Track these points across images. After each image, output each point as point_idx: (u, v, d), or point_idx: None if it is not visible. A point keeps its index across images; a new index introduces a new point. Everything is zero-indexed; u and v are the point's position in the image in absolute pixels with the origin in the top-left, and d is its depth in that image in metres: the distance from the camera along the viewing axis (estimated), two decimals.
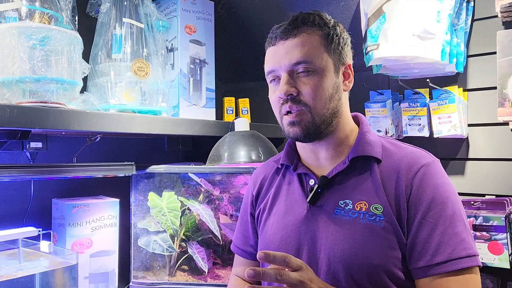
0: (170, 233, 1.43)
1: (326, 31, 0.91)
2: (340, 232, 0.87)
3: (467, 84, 1.39)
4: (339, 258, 0.86)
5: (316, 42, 0.89)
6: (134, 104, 1.31)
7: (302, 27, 0.90)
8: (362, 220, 0.86)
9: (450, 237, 0.82)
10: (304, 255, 0.91)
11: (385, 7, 1.30)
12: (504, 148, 1.32)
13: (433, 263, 0.81)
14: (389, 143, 0.96)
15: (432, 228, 0.83)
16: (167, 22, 1.48)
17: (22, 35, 0.99)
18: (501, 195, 1.31)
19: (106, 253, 1.35)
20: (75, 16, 1.30)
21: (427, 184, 0.86)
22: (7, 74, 1.00)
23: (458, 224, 0.83)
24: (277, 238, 0.96)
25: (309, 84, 0.88)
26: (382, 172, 0.90)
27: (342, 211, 0.89)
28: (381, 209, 0.86)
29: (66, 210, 1.29)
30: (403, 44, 1.25)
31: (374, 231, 0.85)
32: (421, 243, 0.83)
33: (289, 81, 0.89)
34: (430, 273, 0.81)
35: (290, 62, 0.89)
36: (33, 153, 1.34)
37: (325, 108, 0.89)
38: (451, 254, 0.80)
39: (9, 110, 0.96)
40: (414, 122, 1.42)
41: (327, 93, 0.89)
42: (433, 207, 0.84)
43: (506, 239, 1.17)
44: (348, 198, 0.90)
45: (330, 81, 0.90)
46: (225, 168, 1.42)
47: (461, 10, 1.34)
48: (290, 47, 0.89)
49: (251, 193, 1.10)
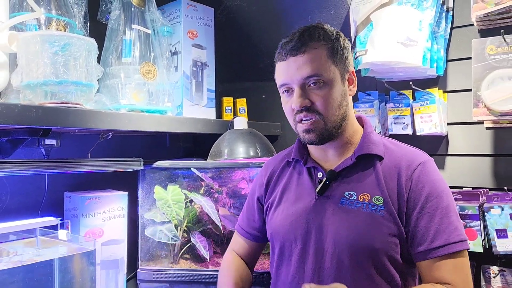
0: (175, 223, 1.54)
1: (331, 44, 1.01)
2: (345, 220, 1.00)
3: (447, 86, 1.52)
4: (344, 242, 0.98)
5: (323, 55, 1.00)
6: (142, 104, 1.42)
7: (310, 43, 1.00)
8: (365, 209, 0.99)
9: (446, 226, 0.96)
10: (312, 239, 1.03)
11: (372, 16, 1.43)
12: (480, 145, 1.45)
13: (432, 247, 0.95)
14: (389, 143, 1.09)
15: (430, 218, 0.96)
16: (171, 28, 1.59)
17: (45, 43, 1.10)
18: (477, 187, 1.44)
19: (116, 242, 1.46)
20: (87, 22, 1.40)
21: (425, 180, 0.99)
22: (32, 78, 1.11)
23: (452, 214, 0.98)
24: (287, 222, 1.07)
25: (320, 95, 1.00)
26: (384, 168, 1.02)
27: (347, 201, 1.01)
28: (382, 200, 0.99)
29: (79, 202, 1.39)
30: (388, 50, 1.38)
31: (376, 219, 0.97)
32: (421, 231, 0.96)
33: (302, 94, 1.00)
34: (429, 256, 0.95)
35: (302, 77, 0.99)
36: (47, 150, 1.44)
37: (335, 115, 1.01)
38: (447, 239, 0.95)
39: (35, 110, 1.07)
40: (398, 121, 1.55)
41: (337, 102, 1.01)
42: (431, 199, 0.97)
43: (479, 226, 1.31)
44: (353, 190, 1.02)
45: (338, 90, 1.02)
46: (225, 163, 1.54)
47: (441, 19, 1.47)
48: (300, 63, 0.99)
49: (261, 181, 1.21)
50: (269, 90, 1.93)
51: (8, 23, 1.09)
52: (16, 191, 1.42)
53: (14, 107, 1.02)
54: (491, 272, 1.36)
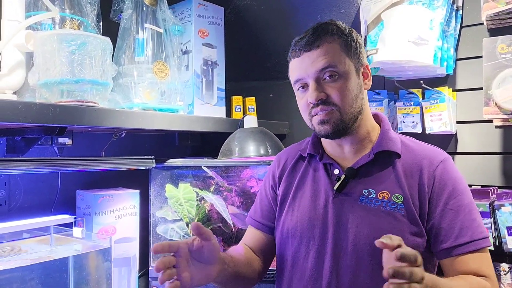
0: (186, 221, 1.55)
1: (344, 38, 1.02)
2: (365, 218, 0.99)
3: (456, 85, 1.53)
4: (364, 241, 0.97)
5: (337, 49, 1.01)
6: (154, 103, 1.42)
7: (323, 38, 1.01)
8: (385, 207, 0.99)
9: (470, 223, 0.96)
10: (330, 236, 1.02)
11: (383, 15, 1.44)
12: (489, 143, 1.46)
13: (457, 244, 0.95)
14: (408, 140, 1.08)
15: (454, 215, 0.97)
16: (182, 27, 1.59)
17: (62, 42, 1.11)
18: (486, 185, 1.45)
19: (128, 239, 1.47)
20: (99, 22, 1.41)
21: (447, 177, 0.99)
22: (49, 76, 1.12)
23: (474, 211, 0.98)
24: (305, 219, 1.06)
25: (335, 87, 1.00)
26: (404, 165, 1.02)
27: (366, 199, 1.01)
28: (402, 198, 0.98)
29: (92, 200, 1.40)
30: (399, 49, 1.39)
31: (396, 218, 0.97)
32: (446, 228, 0.97)
33: (317, 87, 1.00)
34: (454, 253, 0.96)
35: (316, 69, 1.00)
36: (60, 148, 1.45)
37: (352, 107, 1.01)
38: (472, 236, 0.95)
39: (52, 108, 1.08)
40: (408, 119, 1.56)
41: (353, 93, 1.01)
42: (454, 197, 0.98)
43: (490, 224, 1.32)
44: (372, 188, 1.02)
45: (354, 82, 1.02)
46: (236, 162, 1.55)
47: (451, 18, 1.47)
48: (314, 57, 1.00)
49: (273, 173, 1.20)
50: (277, 89, 1.94)
51: (25, 22, 1.10)
52: (29, 189, 1.43)
53: (33, 106, 1.03)
54: (501, 270, 1.37)
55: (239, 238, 1.59)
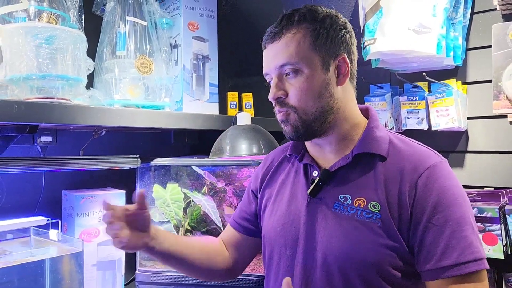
0: (174, 223, 1.48)
1: (312, 27, 0.90)
2: (337, 227, 0.88)
3: (467, 77, 1.39)
4: (334, 253, 0.86)
5: (300, 41, 0.89)
6: (138, 100, 1.36)
7: (287, 27, 0.91)
8: (359, 217, 0.86)
9: (457, 241, 0.81)
10: (301, 246, 0.92)
11: (382, 2, 1.32)
12: (503, 141, 1.33)
13: (440, 266, 0.81)
14: (398, 140, 0.94)
15: (438, 231, 0.82)
16: (170, 20, 1.52)
17: (28, 35, 1.05)
18: (500, 187, 1.32)
19: None
20: (81, 15, 1.35)
21: (433, 187, 0.84)
22: (15, 72, 1.06)
23: (465, 227, 0.82)
24: (279, 224, 0.97)
25: (294, 85, 0.89)
26: (387, 169, 0.89)
27: (341, 206, 0.89)
28: (379, 207, 0.85)
29: (74, 201, 1.35)
30: (399, 38, 1.27)
31: (371, 228, 0.85)
32: (427, 246, 0.82)
33: (277, 84, 0.91)
34: (437, 277, 0.81)
35: (275, 66, 0.91)
36: (44, 147, 1.41)
37: (313, 107, 0.89)
38: (458, 258, 0.80)
39: (16, 105, 1.02)
40: (412, 115, 1.44)
41: (314, 92, 0.89)
42: (439, 211, 0.83)
43: (500, 230, 1.19)
44: (348, 193, 0.90)
45: (317, 79, 0.89)
46: (226, 161, 1.46)
47: (459, 4, 1.34)
48: (275, 50, 0.91)
49: (256, 173, 1.13)
50: None
51: None
52: (12, 189, 1.39)
53: None
54: None
55: None
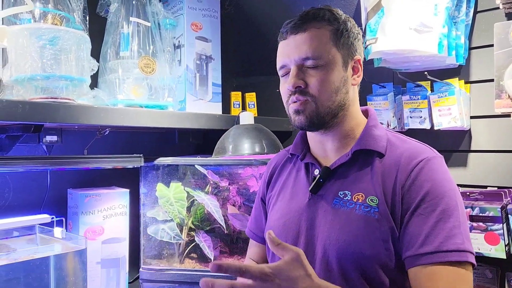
0: (177, 222, 1.50)
1: (336, 26, 0.94)
2: (337, 222, 0.90)
3: (470, 76, 1.39)
4: (333, 246, 0.88)
5: (325, 36, 0.93)
6: (141, 100, 1.37)
7: (312, 22, 0.93)
8: (358, 211, 0.89)
9: (440, 231, 0.82)
10: (302, 241, 0.94)
11: (383, 1, 1.32)
12: (505, 140, 1.32)
13: (420, 253, 0.81)
14: (395, 138, 0.97)
15: (423, 220, 0.83)
16: (174, 20, 1.54)
17: (33, 36, 1.07)
18: (503, 186, 1.31)
19: (117, 240, 1.43)
20: (86, 16, 1.37)
21: (425, 178, 0.86)
22: (20, 72, 1.08)
23: (451, 219, 0.83)
24: (280, 223, 1.00)
25: (316, 77, 0.92)
26: (384, 165, 0.91)
27: (340, 201, 0.92)
28: (377, 201, 0.88)
29: (79, 199, 1.37)
30: (400, 38, 1.27)
31: (369, 222, 0.87)
32: (410, 233, 0.84)
33: (298, 74, 0.93)
34: (417, 263, 0.82)
35: (299, 57, 0.93)
36: (49, 146, 1.43)
37: (330, 100, 0.93)
38: (439, 247, 0.80)
39: (21, 105, 1.04)
40: (415, 114, 1.43)
41: (334, 86, 0.92)
42: (427, 200, 0.84)
43: (502, 230, 1.18)
44: (348, 189, 0.92)
45: (337, 74, 0.93)
46: (229, 160, 1.48)
47: (461, 3, 1.34)
48: (299, 41, 0.93)
49: (264, 179, 1.15)
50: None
51: None
52: (18, 188, 1.42)
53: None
54: None
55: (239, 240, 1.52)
